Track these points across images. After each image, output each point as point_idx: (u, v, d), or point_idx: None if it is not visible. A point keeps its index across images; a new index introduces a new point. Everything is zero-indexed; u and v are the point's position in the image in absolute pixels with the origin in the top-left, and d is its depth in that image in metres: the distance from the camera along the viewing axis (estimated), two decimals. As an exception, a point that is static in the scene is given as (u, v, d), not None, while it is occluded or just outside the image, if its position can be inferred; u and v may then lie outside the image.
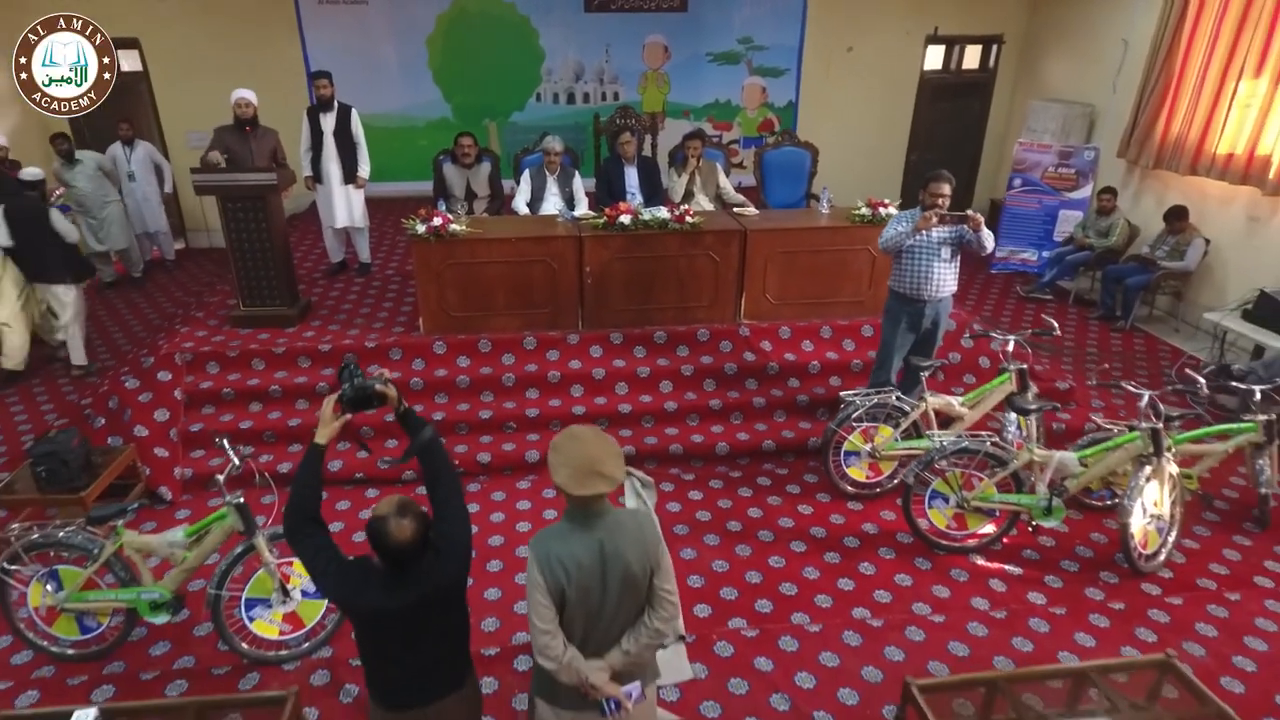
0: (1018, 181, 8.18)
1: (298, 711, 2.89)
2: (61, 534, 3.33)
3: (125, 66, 8.47)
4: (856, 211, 5.46)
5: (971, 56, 9.41)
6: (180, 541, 3.38)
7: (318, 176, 6.18)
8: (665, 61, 8.98)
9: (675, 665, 3.46)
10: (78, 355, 6.01)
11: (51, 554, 3.37)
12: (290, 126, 6.28)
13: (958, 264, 4.61)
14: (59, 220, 5.77)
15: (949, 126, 9.65)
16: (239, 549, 3.35)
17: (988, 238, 4.40)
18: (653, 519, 2.30)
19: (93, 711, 2.74)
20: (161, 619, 3.42)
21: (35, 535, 3.32)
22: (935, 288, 4.55)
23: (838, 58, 9.09)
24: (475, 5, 8.50)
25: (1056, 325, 4.65)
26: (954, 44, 9.28)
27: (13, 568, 3.33)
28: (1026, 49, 9.20)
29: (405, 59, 8.60)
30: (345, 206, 6.27)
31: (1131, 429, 3.96)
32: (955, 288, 4.64)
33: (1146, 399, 3.89)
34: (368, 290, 6.29)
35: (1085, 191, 7.86)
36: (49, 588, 3.38)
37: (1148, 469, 3.85)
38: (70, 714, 2.74)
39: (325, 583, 2.13)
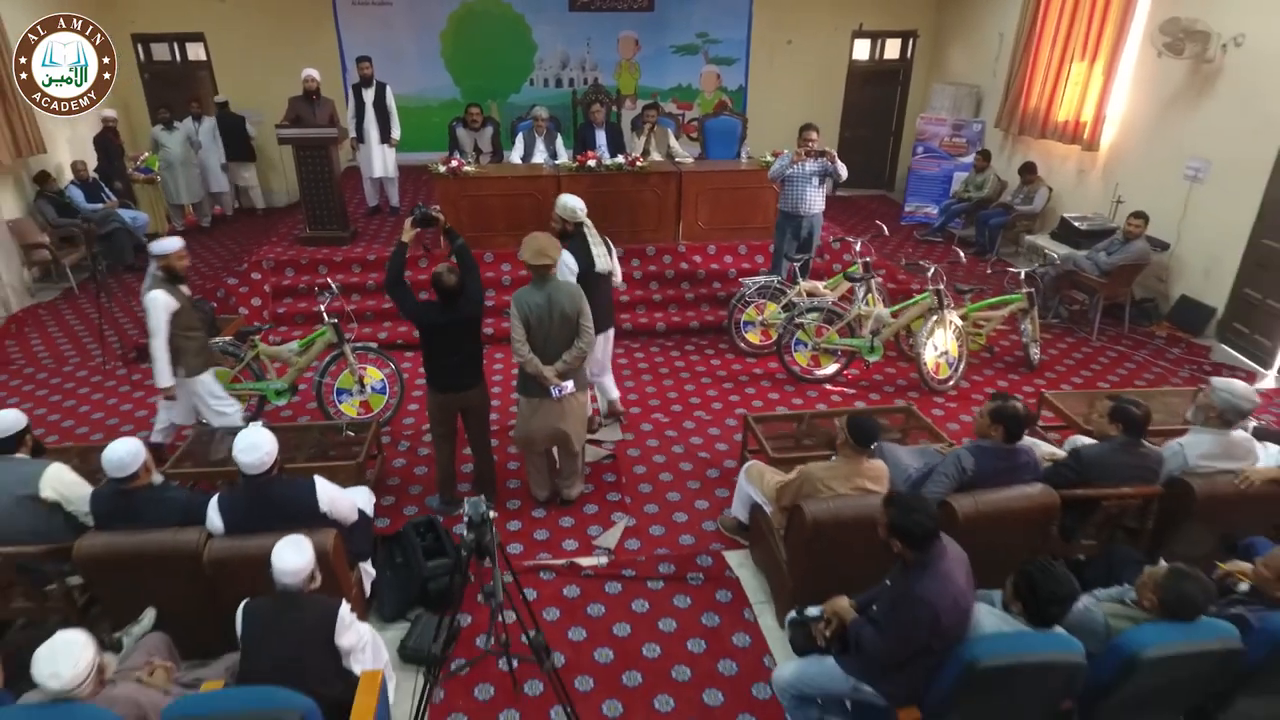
0: (920, 149, 10.09)
1: (377, 435, 4.79)
2: (221, 344, 5.22)
3: (192, 56, 10.43)
4: (764, 160, 7.34)
5: (892, 48, 11.29)
6: (295, 349, 5.28)
7: (360, 138, 8.06)
8: (636, 52, 10.86)
9: (612, 433, 5.37)
10: (260, 200, 10.25)
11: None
12: (328, 103, 8.15)
13: (824, 189, 6.47)
14: (250, 127, 9.55)
15: (875, 107, 11.52)
16: (333, 355, 5.23)
17: (842, 168, 6.25)
18: (580, 291, 4.16)
19: (259, 423, 4.64)
20: (282, 401, 5.31)
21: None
22: (809, 206, 6.42)
23: (780, 49, 10.95)
24: (480, 5, 10.37)
25: (885, 228, 6.54)
26: (877, 38, 11.16)
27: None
28: (935, 42, 11.09)
29: (422, 49, 10.47)
30: (381, 161, 8.15)
31: (925, 292, 5.86)
32: (823, 206, 6.52)
33: (933, 270, 5.79)
34: (399, 224, 8.15)
35: (973, 156, 9.73)
36: (210, 381, 5.25)
37: (934, 318, 5.74)
38: (239, 429, 4.63)
39: (409, 308, 4.01)
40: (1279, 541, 3.13)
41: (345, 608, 2.73)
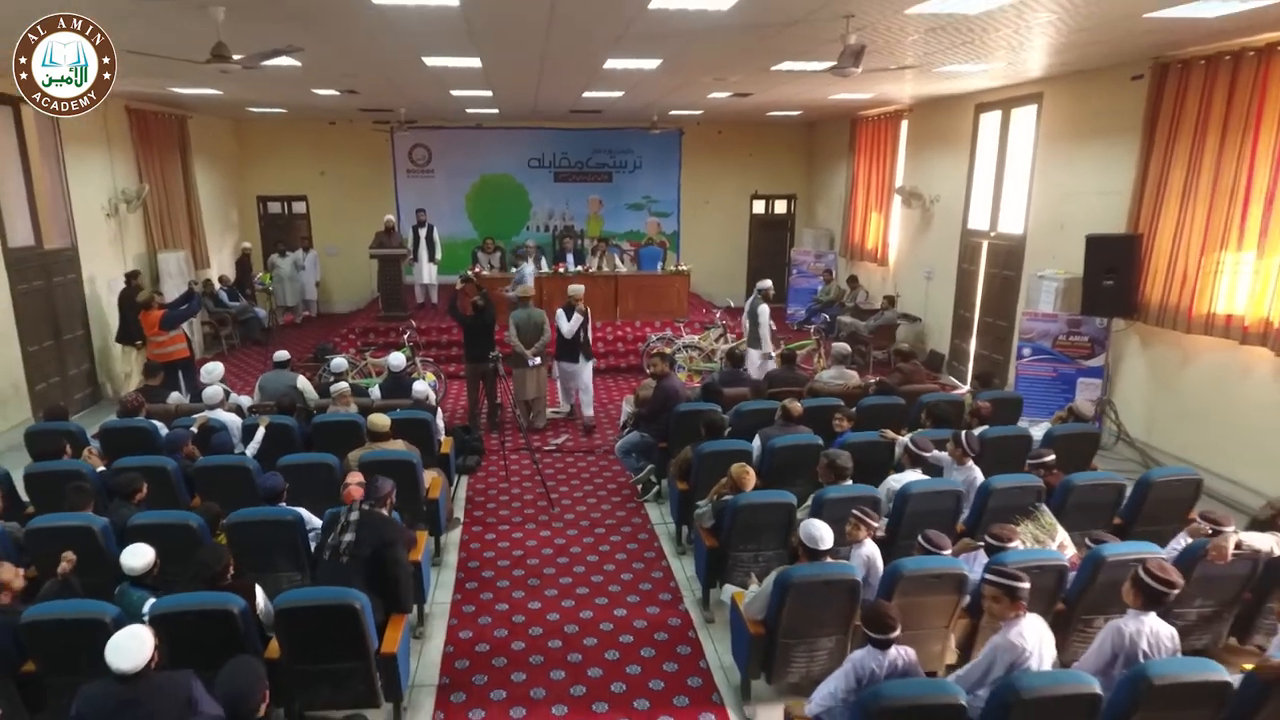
0: (795, 271, 14.66)
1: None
2: (346, 358, 9.35)
3: (297, 210, 15.22)
4: (670, 269, 11.79)
5: (780, 206, 16.17)
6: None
7: (415, 257, 12.57)
8: (600, 209, 15.69)
9: (563, 410, 9.43)
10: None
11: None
12: (401, 235, 12.74)
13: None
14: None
15: (769, 246, 16.24)
16: (412, 362, 9.34)
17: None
18: (544, 313, 8.34)
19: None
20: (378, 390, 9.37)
21: (333, 359, 9.34)
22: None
23: (700, 207, 15.80)
24: (493, 177, 15.27)
25: (731, 302, 10.85)
26: (768, 199, 16.06)
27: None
28: (808, 200, 15.99)
29: (452, 207, 15.25)
30: (428, 272, 12.63)
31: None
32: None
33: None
34: (440, 312, 12.50)
35: (823, 274, 14.25)
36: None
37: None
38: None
39: (458, 319, 8.22)
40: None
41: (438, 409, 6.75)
